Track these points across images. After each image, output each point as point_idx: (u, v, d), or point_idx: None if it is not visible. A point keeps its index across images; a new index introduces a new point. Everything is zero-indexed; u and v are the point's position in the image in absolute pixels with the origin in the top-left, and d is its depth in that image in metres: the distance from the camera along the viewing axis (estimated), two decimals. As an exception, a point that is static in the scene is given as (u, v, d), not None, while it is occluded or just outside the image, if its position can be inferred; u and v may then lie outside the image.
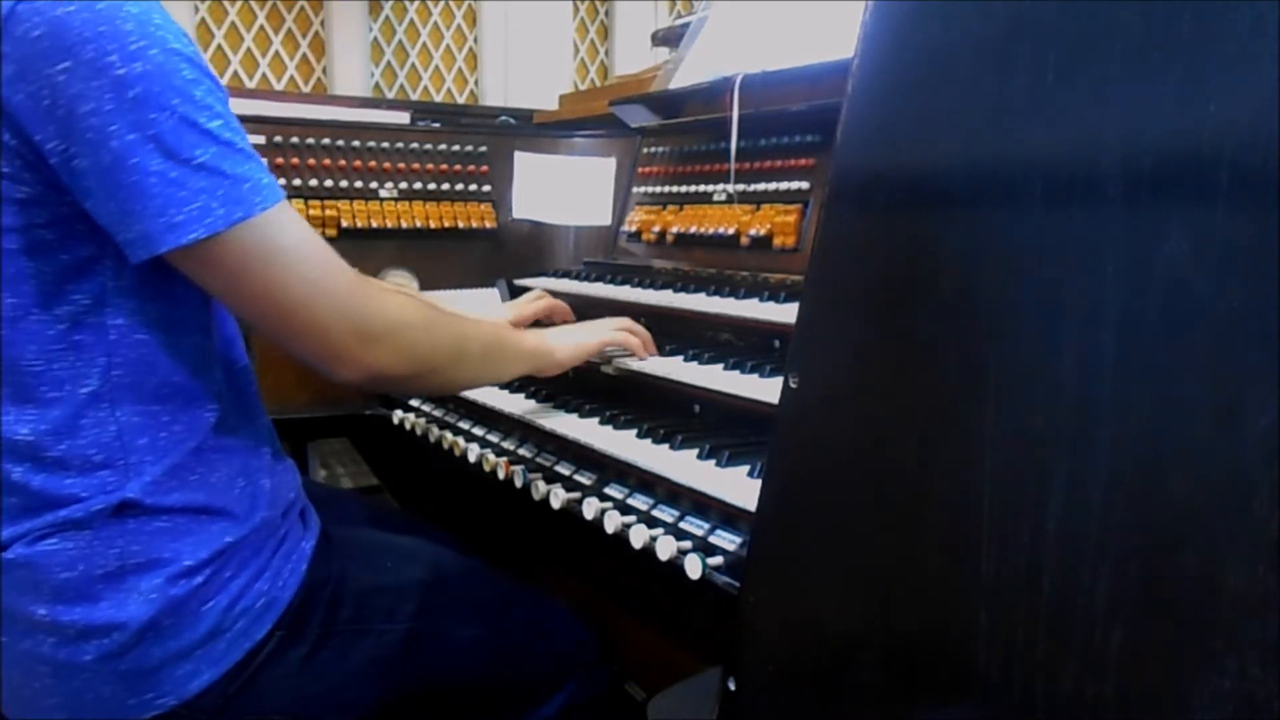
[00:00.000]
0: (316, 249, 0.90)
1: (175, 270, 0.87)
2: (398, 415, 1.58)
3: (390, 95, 3.79)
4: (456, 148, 1.84)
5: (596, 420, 1.24)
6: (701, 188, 1.63)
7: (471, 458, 1.33)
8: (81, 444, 0.87)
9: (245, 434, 0.99)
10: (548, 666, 1.20)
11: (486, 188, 1.86)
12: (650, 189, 1.78)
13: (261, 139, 1.67)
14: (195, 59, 0.84)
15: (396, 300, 0.98)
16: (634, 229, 1.76)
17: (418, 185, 1.81)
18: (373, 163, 1.78)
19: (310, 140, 1.72)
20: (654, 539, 0.98)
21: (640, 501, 1.07)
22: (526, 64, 3.92)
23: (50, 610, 0.87)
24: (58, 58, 0.78)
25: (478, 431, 1.40)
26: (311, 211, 1.69)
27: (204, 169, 0.82)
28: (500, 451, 1.31)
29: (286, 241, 0.87)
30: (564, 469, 1.21)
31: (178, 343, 0.92)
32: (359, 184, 1.76)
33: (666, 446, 1.11)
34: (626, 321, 1.32)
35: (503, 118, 2.40)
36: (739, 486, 0.96)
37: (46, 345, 0.86)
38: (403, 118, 2.13)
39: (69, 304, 0.86)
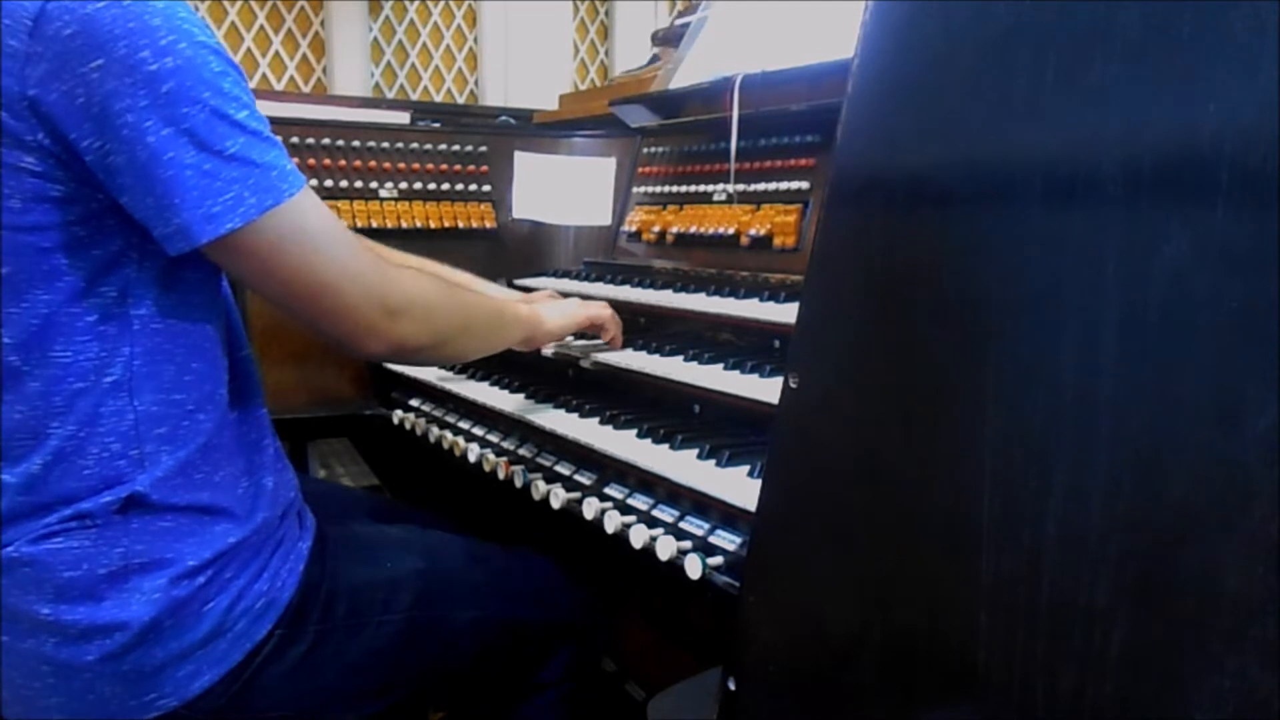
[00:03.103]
0: (340, 231, 0.94)
1: (195, 259, 0.88)
2: (397, 415, 1.58)
3: (390, 95, 3.79)
4: (456, 148, 1.84)
5: (596, 420, 1.24)
6: (701, 188, 1.63)
7: (471, 458, 1.33)
8: (101, 432, 0.88)
9: (250, 424, 1.01)
10: (546, 633, 1.22)
11: (486, 188, 1.86)
12: (650, 189, 1.78)
13: (261, 139, 1.67)
14: (220, 50, 0.86)
15: (411, 275, 1.03)
16: (634, 229, 1.76)
17: (418, 185, 1.81)
18: (373, 163, 1.78)
19: (310, 140, 1.72)
20: (654, 539, 0.98)
21: (640, 501, 1.07)
22: (526, 64, 3.92)
23: (54, 609, 0.88)
24: (91, 55, 0.79)
25: (478, 431, 1.40)
26: (311, 211, 1.69)
27: (235, 159, 0.84)
28: (500, 451, 1.31)
29: (313, 225, 0.90)
30: (564, 469, 1.21)
31: (195, 330, 0.93)
32: (359, 184, 1.76)
33: (666, 446, 1.11)
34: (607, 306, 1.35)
35: (503, 118, 2.40)
36: (739, 486, 0.96)
37: (75, 337, 0.87)
38: (403, 118, 2.13)
39: (98, 297, 0.87)
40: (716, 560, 0.93)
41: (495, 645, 1.17)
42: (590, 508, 1.09)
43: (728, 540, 0.95)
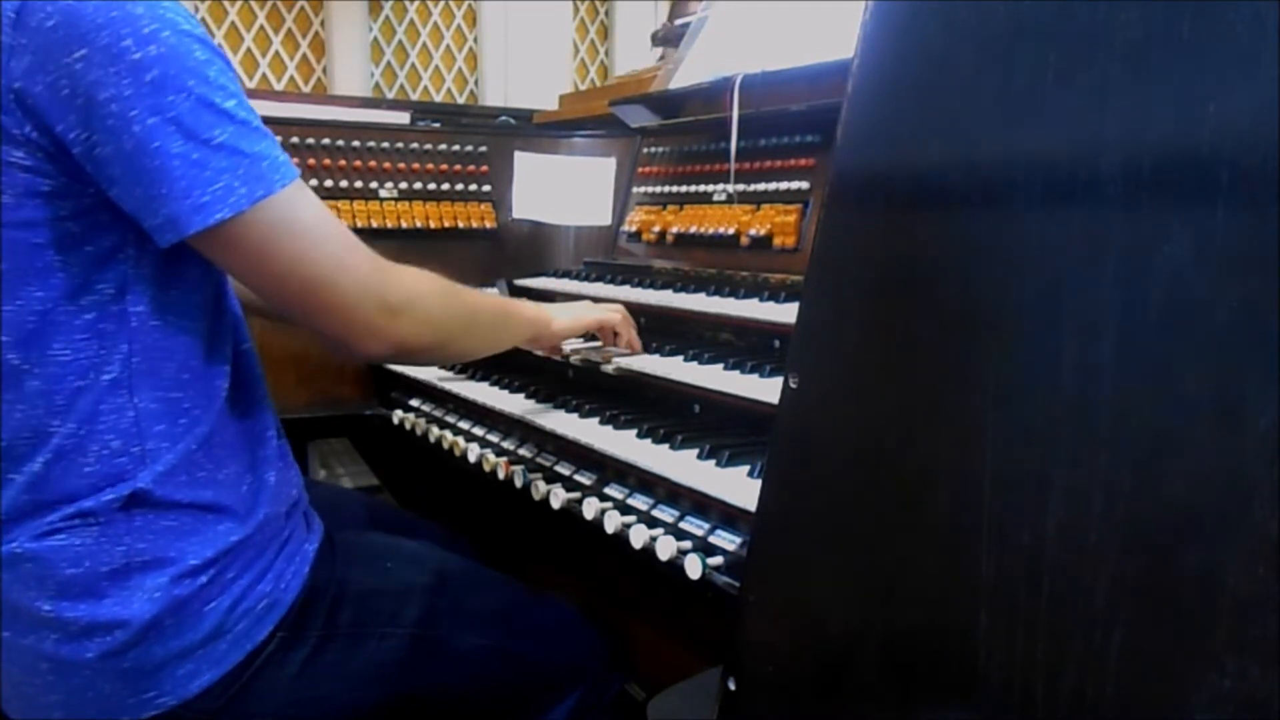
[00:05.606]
0: (335, 225, 0.92)
1: (192, 255, 0.88)
2: (398, 415, 1.58)
3: (390, 95, 3.79)
4: (456, 148, 1.84)
5: (596, 420, 1.24)
6: (701, 188, 1.63)
7: (472, 458, 1.33)
8: (100, 430, 0.88)
9: (253, 419, 1.00)
10: (554, 674, 1.19)
11: (486, 188, 1.86)
12: (650, 189, 1.78)
13: (261, 139, 1.67)
14: (205, 39, 0.85)
15: (412, 273, 1.00)
16: (634, 229, 1.76)
17: (418, 185, 1.81)
18: (373, 163, 1.78)
19: (310, 140, 1.72)
20: (654, 539, 0.98)
21: (640, 502, 1.07)
22: (526, 64, 3.92)
23: (55, 606, 0.88)
24: (74, 46, 0.79)
25: (478, 431, 1.40)
26: (311, 211, 1.69)
27: (224, 148, 0.83)
28: (500, 451, 1.31)
29: (306, 218, 0.89)
30: (564, 469, 1.21)
31: (193, 327, 0.93)
32: (359, 184, 1.76)
33: (666, 446, 1.11)
34: (621, 308, 1.34)
35: (503, 118, 2.40)
36: (739, 486, 0.96)
37: (74, 335, 0.86)
38: (403, 118, 2.13)
39: (94, 294, 0.87)
40: (716, 560, 0.93)
41: (498, 677, 1.14)
42: (590, 508, 1.08)
43: (728, 540, 0.95)
